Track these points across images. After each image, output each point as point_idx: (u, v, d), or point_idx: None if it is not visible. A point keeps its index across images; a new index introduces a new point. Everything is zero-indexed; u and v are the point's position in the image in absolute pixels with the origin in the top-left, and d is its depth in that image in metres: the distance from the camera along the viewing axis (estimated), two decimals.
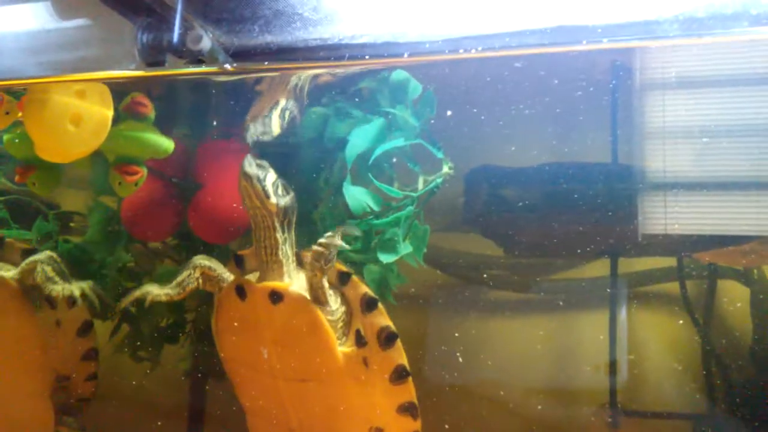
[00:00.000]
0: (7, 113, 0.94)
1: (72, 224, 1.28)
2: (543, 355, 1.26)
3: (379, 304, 0.97)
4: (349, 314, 0.99)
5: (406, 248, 1.04)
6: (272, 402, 1.03)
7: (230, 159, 1.17)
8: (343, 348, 0.96)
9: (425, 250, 1.09)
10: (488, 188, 1.18)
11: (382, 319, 0.97)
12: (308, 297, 0.94)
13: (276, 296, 0.94)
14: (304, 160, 1.16)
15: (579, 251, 1.21)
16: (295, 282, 0.96)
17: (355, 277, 0.97)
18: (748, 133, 1.11)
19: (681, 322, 1.23)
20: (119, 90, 1.03)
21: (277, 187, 0.94)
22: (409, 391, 0.99)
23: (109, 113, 0.95)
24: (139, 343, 1.25)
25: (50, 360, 1.12)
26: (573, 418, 1.21)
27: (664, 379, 1.21)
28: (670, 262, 1.23)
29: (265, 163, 0.94)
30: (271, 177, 0.94)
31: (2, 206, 1.17)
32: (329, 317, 0.95)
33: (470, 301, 1.31)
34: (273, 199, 0.92)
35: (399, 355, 0.97)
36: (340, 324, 0.97)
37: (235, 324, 1.01)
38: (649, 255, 1.21)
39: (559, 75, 1.03)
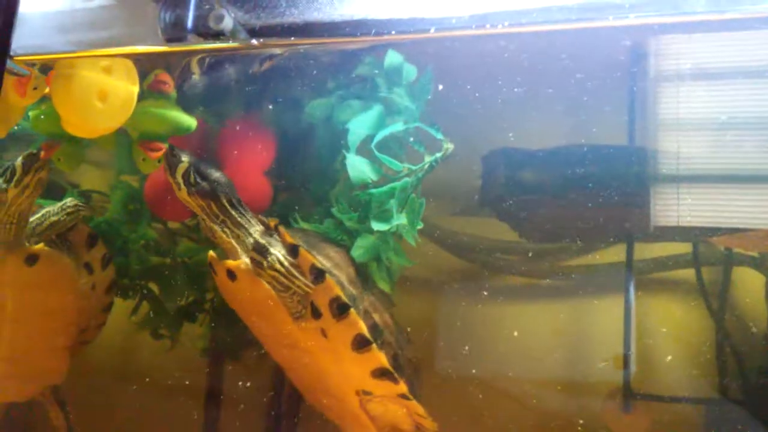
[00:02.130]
0: (35, 88, 0.95)
1: (90, 203, 1.30)
2: (556, 341, 1.26)
3: (327, 276, 0.97)
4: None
5: (399, 218, 1.05)
6: (284, 362, 1.10)
7: (249, 139, 1.18)
8: (301, 320, 0.99)
9: (421, 225, 1.09)
10: (506, 171, 1.18)
11: (332, 290, 0.97)
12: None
13: (231, 274, 0.99)
14: (319, 145, 1.17)
15: (594, 236, 1.22)
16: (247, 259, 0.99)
17: (302, 249, 0.98)
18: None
19: (695, 307, 1.23)
20: (143, 70, 1.04)
21: (188, 176, 0.96)
22: (376, 359, 0.99)
23: (135, 89, 0.96)
24: (159, 320, 1.27)
25: (81, 319, 1.16)
26: (585, 402, 1.22)
27: (677, 364, 1.21)
28: (686, 248, 1.23)
29: (179, 152, 0.97)
30: (181, 167, 0.96)
31: None
32: (282, 293, 0.97)
33: (484, 286, 1.32)
34: (183, 189, 0.96)
35: (354, 325, 0.97)
36: (297, 297, 0.98)
37: (226, 295, 1.08)
38: (665, 240, 1.21)
39: (578, 56, 1.03)
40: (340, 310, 0.97)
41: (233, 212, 0.99)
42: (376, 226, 1.05)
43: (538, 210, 1.21)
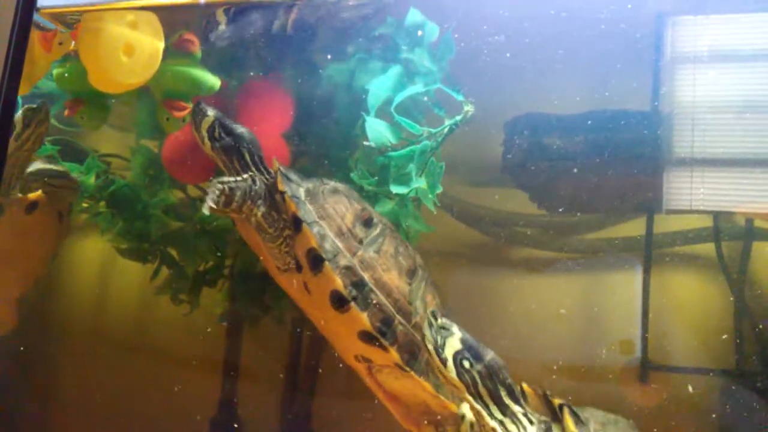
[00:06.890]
0: (60, 44, 0.95)
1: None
2: (572, 313, 1.26)
3: (304, 225, 0.92)
4: (291, 238, 0.95)
5: (418, 182, 1.03)
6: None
7: (269, 99, 1.18)
8: (287, 273, 0.96)
9: (440, 188, 1.07)
10: (529, 137, 1.17)
11: (308, 241, 0.91)
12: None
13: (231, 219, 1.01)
14: (339, 111, 1.16)
15: (618, 208, 1.20)
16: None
17: (287, 196, 0.93)
18: None
19: (714, 280, 1.22)
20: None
21: (213, 130, 0.95)
22: (359, 320, 0.91)
23: (160, 44, 0.96)
24: (178, 285, 1.27)
25: (38, 268, 1.16)
26: (602, 372, 1.21)
27: (694, 336, 1.21)
28: (707, 221, 1.22)
29: (205, 107, 0.96)
30: (206, 121, 0.95)
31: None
32: (269, 243, 0.94)
33: (499, 258, 1.31)
34: (207, 143, 0.95)
35: (330, 280, 0.91)
36: (284, 248, 0.95)
37: None
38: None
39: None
40: (314, 262, 0.92)
41: (254, 169, 0.98)
42: (396, 189, 1.04)
43: (560, 179, 1.19)
